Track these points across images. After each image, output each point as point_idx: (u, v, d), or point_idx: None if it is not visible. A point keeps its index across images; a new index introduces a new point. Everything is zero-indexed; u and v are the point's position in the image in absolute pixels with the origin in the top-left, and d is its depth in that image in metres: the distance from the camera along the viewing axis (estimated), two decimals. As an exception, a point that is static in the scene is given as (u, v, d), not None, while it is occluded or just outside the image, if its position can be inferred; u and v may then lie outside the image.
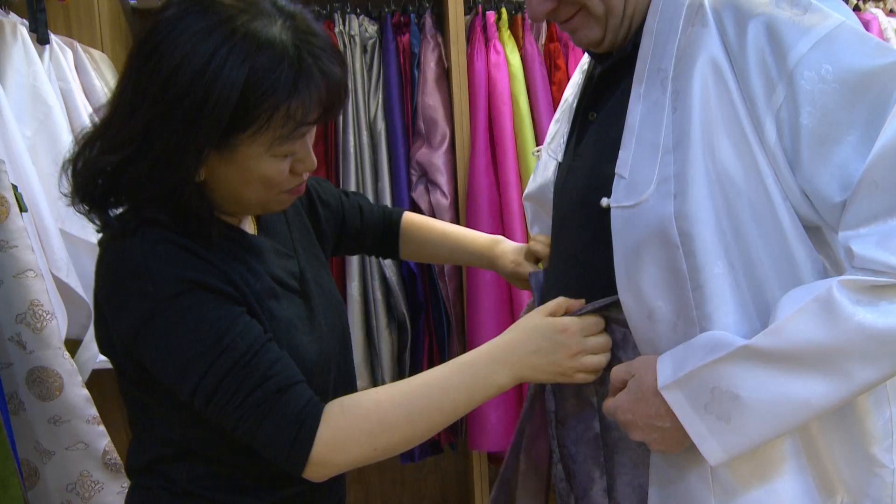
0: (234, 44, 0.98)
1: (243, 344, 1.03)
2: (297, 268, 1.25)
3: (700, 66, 1.05)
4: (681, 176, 1.05)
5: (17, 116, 1.79)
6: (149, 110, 0.99)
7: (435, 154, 2.38)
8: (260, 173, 1.07)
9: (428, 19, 2.50)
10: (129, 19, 2.50)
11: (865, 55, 0.97)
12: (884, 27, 2.65)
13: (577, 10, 1.17)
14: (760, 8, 1.02)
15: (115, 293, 1.05)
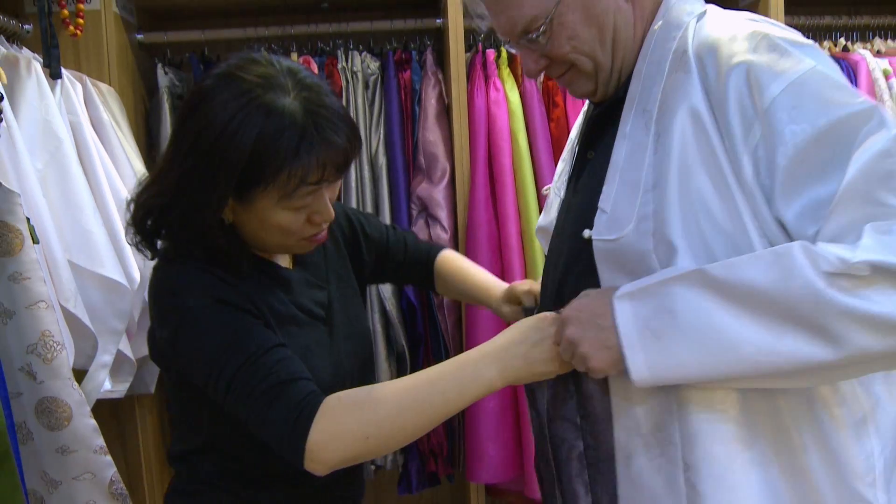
0: (249, 112, 1.15)
1: (254, 344, 1.18)
2: (327, 298, 1.40)
3: (681, 112, 1.12)
4: (658, 214, 1.12)
5: (29, 149, 1.82)
6: (182, 163, 1.20)
7: (435, 189, 2.42)
8: (275, 222, 1.23)
9: (429, 56, 2.56)
10: (135, 53, 2.56)
11: (833, 97, 1.04)
12: (871, 67, 2.71)
13: (567, 67, 1.26)
14: (740, 56, 1.09)
15: (157, 309, 1.27)
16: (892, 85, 2.72)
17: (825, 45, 2.88)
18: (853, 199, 1.01)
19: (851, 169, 1.01)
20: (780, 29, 1.14)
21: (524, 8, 1.20)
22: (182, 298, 1.22)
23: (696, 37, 1.16)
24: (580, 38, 1.21)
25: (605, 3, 1.21)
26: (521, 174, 2.42)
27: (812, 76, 1.06)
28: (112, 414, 2.26)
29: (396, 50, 2.61)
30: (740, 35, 1.12)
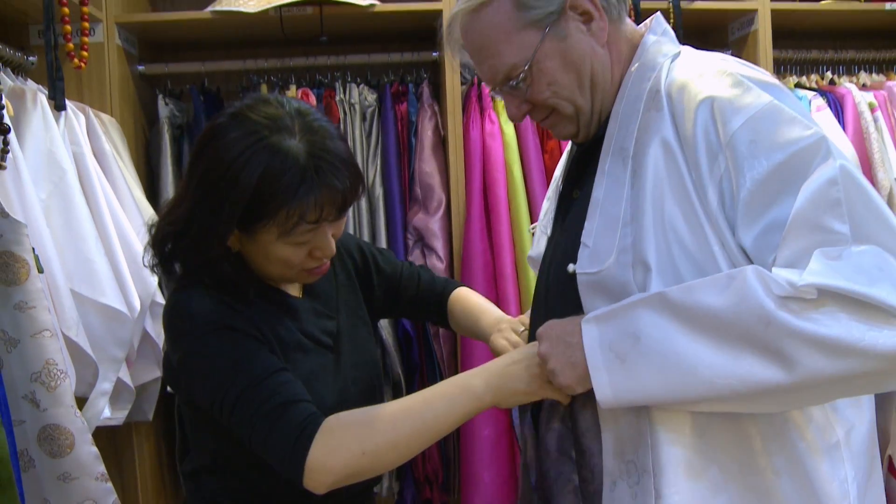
0: (256, 151, 1.22)
1: (258, 368, 1.24)
2: (336, 328, 1.45)
3: (654, 147, 1.19)
4: (636, 245, 1.17)
5: (34, 179, 1.85)
6: (193, 195, 1.28)
7: (431, 219, 2.46)
8: (277, 255, 1.30)
9: (425, 89, 2.61)
10: (136, 84, 2.60)
11: (787, 132, 1.10)
12: (857, 101, 2.76)
13: (549, 112, 1.32)
14: (707, 91, 1.16)
15: (169, 333, 1.34)
16: (876, 117, 2.77)
17: (812, 78, 2.94)
18: (803, 227, 1.06)
19: (800, 197, 1.06)
20: (746, 68, 1.21)
21: (504, 56, 1.27)
22: (191, 324, 1.29)
23: (668, 76, 1.23)
24: (559, 83, 1.28)
25: (582, 50, 1.27)
26: (516, 205, 2.47)
27: (769, 110, 1.12)
28: (109, 441, 2.27)
29: (393, 82, 2.66)
30: (708, 73, 1.19)
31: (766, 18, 2.68)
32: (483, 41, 1.29)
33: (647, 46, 1.30)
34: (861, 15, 2.85)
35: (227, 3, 2.46)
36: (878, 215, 1.07)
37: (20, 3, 2.07)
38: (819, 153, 1.08)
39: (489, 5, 1.26)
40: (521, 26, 1.25)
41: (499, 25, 1.26)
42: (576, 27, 1.27)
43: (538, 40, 1.25)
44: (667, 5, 2.61)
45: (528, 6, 1.25)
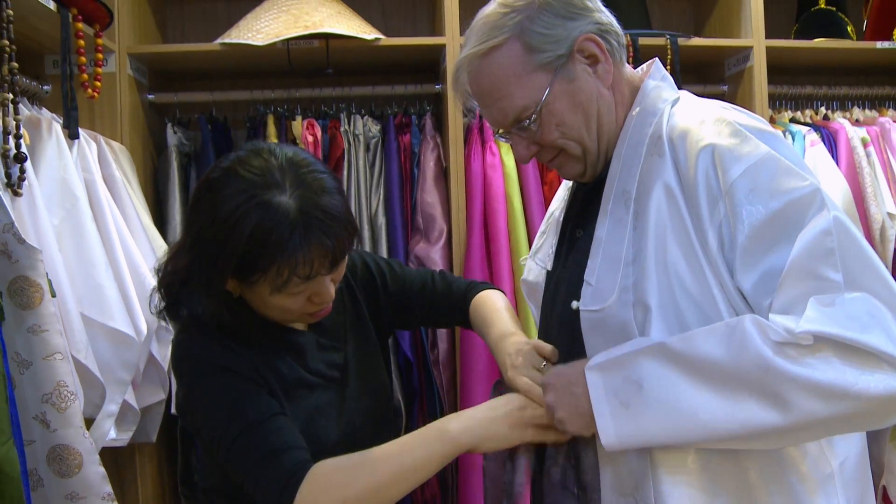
0: (248, 209, 1.24)
1: (253, 413, 1.28)
2: (343, 359, 1.47)
3: (656, 191, 1.23)
4: (638, 286, 1.22)
5: (47, 206, 1.90)
6: (192, 248, 1.32)
7: (432, 249, 2.51)
8: (275, 304, 1.33)
9: (428, 121, 2.67)
10: (146, 112, 2.66)
11: (784, 182, 1.15)
12: (850, 136, 2.81)
13: (557, 152, 1.37)
14: (708, 139, 1.21)
15: (174, 373, 1.40)
16: (869, 152, 2.81)
17: (807, 113, 3.00)
18: (798, 275, 1.11)
19: (797, 247, 1.11)
20: (745, 116, 1.26)
21: (515, 99, 1.31)
22: (191, 365, 1.36)
23: (669, 122, 1.28)
24: (567, 124, 1.32)
25: (589, 92, 1.32)
26: (516, 235, 2.52)
27: (767, 161, 1.17)
28: (112, 461, 2.30)
29: (397, 114, 2.72)
30: (708, 120, 1.24)
31: (761, 55, 2.74)
32: (493, 84, 1.32)
33: (648, 91, 1.36)
34: (853, 53, 2.91)
35: (237, 35, 2.52)
36: (869, 264, 1.11)
37: (36, 34, 2.13)
38: (814, 204, 1.13)
39: (499, 49, 1.30)
40: (531, 69, 1.30)
41: (509, 68, 1.30)
42: (583, 69, 1.32)
43: (548, 82, 1.30)
44: (665, 42, 2.68)
45: (539, 49, 1.29)
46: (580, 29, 1.31)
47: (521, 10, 1.30)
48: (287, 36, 2.46)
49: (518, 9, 1.31)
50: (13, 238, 1.62)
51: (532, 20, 1.29)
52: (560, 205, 1.56)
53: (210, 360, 1.33)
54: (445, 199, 2.59)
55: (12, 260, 1.63)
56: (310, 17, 2.48)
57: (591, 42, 1.31)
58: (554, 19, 1.30)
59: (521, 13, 1.30)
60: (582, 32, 1.31)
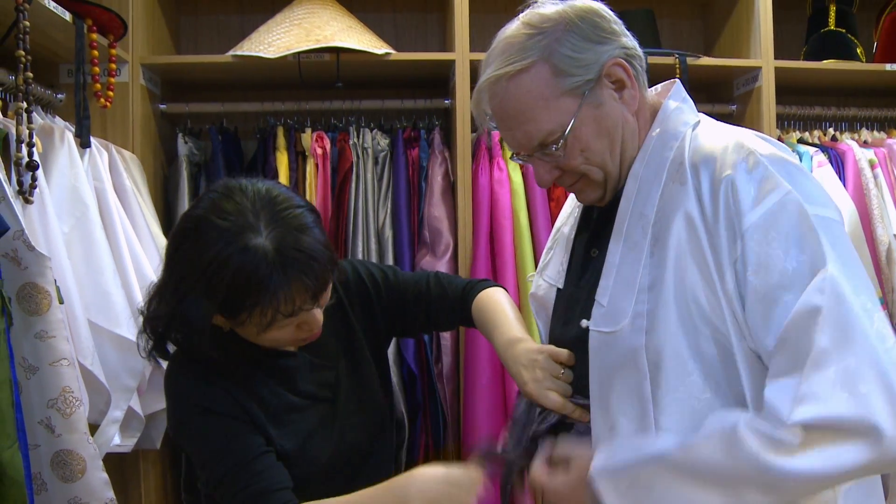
0: (226, 257, 1.26)
1: (238, 454, 1.33)
2: (335, 377, 1.47)
3: (678, 220, 1.22)
4: (653, 314, 1.22)
5: (57, 213, 1.92)
6: (174, 290, 1.32)
7: (438, 262, 2.52)
8: (264, 338, 1.36)
9: (437, 136, 2.69)
10: (158, 122, 2.69)
11: (799, 238, 1.14)
12: (858, 157, 2.82)
13: (579, 177, 1.35)
14: (728, 169, 1.20)
15: (166, 407, 1.46)
16: (877, 174, 2.82)
17: (815, 134, 3.00)
18: (792, 342, 1.11)
19: (793, 312, 1.11)
20: (766, 145, 1.24)
21: (541, 123, 1.29)
22: (174, 405, 1.42)
23: (691, 147, 1.27)
24: (592, 149, 1.31)
25: (615, 117, 1.31)
26: (522, 251, 2.53)
27: (788, 203, 1.15)
28: (117, 467, 2.32)
29: (406, 128, 2.74)
30: (730, 148, 1.23)
31: (769, 75, 2.75)
32: (518, 108, 1.29)
33: (669, 112, 1.34)
34: (863, 74, 2.92)
35: (249, 47, 2.55)
36: (859, 330, 1.10)
37: (52, 44, 2.16)
38: (816, 273, 1.12)
39: (527, 72, 1.27)
40: (558, 93, 1.27)
41: (536, 92, 1.28)
42: (609, 94, 1.30)
43: (576, 107, 1.28)
44: (674, 60, 2.69)
45: (567, 73, 1.27)
46: (609, 53, 1.29)
47: (548, 31, 1.28)
48: (298, 49, 2.48)
49: (545, 30, 1.28)
50: (23, 245, 1.64)
51: (560, 42, 1.27)
52: (569, 221, 1.55)
53: (191, 403, 1.38)
54: (452, 213, 2.60)
55: (21, 266, 1.65)
56: (321, 31, 2.51)
57: (620, 67, 1.30)
58: (583, 42, 1.28)
59: (549, 35, 1.28)
60: (610, 57, 1.29)
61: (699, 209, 1.21)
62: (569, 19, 1.29)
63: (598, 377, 1.29)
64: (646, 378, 1.22)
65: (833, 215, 1.18)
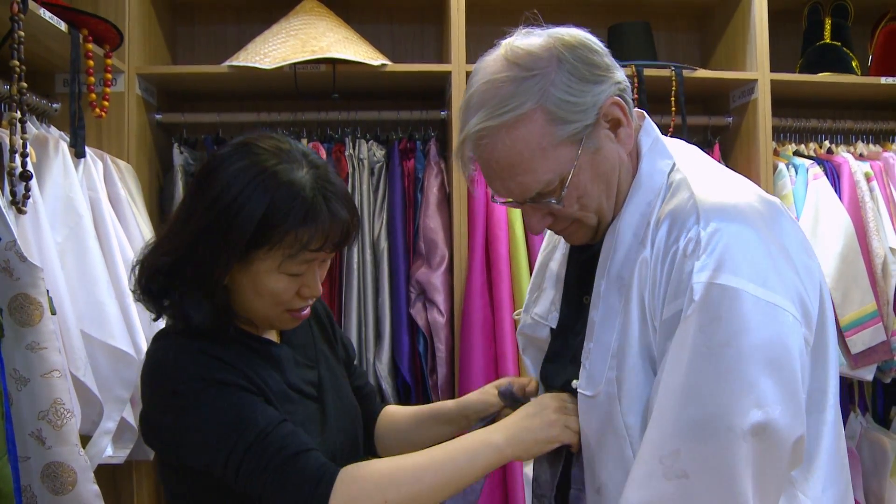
0: (265, 178, 1.25)
1: (263, 421, 1.23)
2: (317, 377, 1.44)
3: (638, 269, 1.22)
4: (620, 380, 1.21)
5: (51, 223, 1.92)
6: (198, 223, 1.27)
7: (434, 274, 2.52)
8: (270, 287, 1.30)
9: (432, 147, 2.69)
10: (153, 132, 2.68)
11: (722, 336, 1.11)
12: (854, 170, 2.82)
13: (571, 222, 1.29)
14: (679, 237, 1.17)
15: (155, 395, 1.31)
16: (872, 187, 2.82)
17: (811, 146, 3.01)
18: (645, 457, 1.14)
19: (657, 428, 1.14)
20: (728, 201, 1.20)
21: (539, 174, 1.20)
22: (180, 383, 1.27)
23: (661, 207, 1.24)
24: (589, 195, 1.24)
25: (612, 160, 1.25)
26: (517, 262, 2.53)
27: (722, 300, 1.10)
28: (109, 478, 2.31)
29: (402, 139, 2.74)
30: (686, 210, 1.19)
31: (765, 88, 2.75)
32: (513, 159, 1.19)
33: (643, 153, 1.30)
34: (858, 87, 2.93)
35: (245, 58, 2.55)
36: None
37: (48, 53, 2.16)
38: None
39: (521, 121, 1.17)
40: (556, 142, 1.19)
41: (533, 142, 1.18)
42: (606, 136, 1.23)
43: (575, 155, 1.20)
44: (670, 73, 2.70)
45: (565, 120, 1.18)
46: (606, 93, 1.21)
47: (540, 73, 1.19)
48: (295, 60, 2.48)
49: (537, 72, 1.19)
50: (15, 255, 1.63)
51: (555, 85, 1.18)
52: (555, 255, 1.51)
53: (200, 374, 1.26)
54: (448, 224, 2.60)
55: (13, 277, 1.64)
56: (317, 42, 2.51)
57: (617, 107, 1.23)
58: (578, 84, 1.19)
59: (542, 78, 1.18)
60: (608, 97, 1.22)
61: (653, 254, 1.21)
62: (561, 57, 1.20)
63: (586, 439, 1.29)
64: (625, 441, 1.21)
65: (777, 301, 1.12)
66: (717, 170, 1.33)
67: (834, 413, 1.25)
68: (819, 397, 1.23)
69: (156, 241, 1.36)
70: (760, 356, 1.09)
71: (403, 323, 2.53)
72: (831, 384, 1.25)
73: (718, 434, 1.08)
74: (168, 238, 1.33)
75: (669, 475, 1.10)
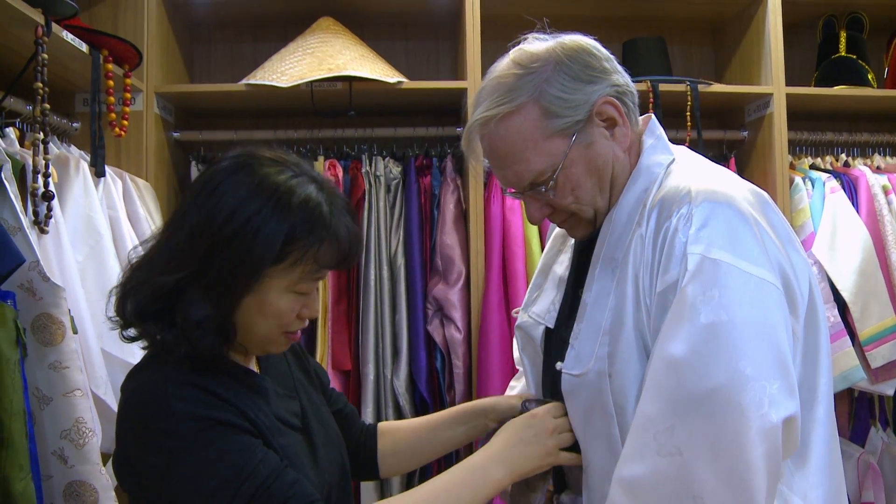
0: (279, 198, 1.17)
1: (265, 471, 1.14)
2: (299, 407, 1.38)
3: (633, 248, 1.25)
4: (613, 356, 1.23)
5: (72, 242, 1.93)
6: (210, 239, 1.17)
7: (451, 290, 2.52)
8: (277, 307, 1.22)
9: (449, 163, 2.70)
10: (171, 150, 2.70)
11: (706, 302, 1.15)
12: (871, 183, 2.81)
13: (569, 214, 1.37)
14: (671, 216, 1.22)
15: (142, 432, 1.15)
16: (890, 200, 2.81)
17: (827, 159, 3.00)
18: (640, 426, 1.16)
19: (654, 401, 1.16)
20: (724, 188, 1.24)
21: (531, 163, 1.30)
22: (174, 422, 1.13)
23: (656, 192, 1.29)
24: (582, 188, 1.32)
25: (605, 156, 1.32)
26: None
27: (712, 271, 1.15)
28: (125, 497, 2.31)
29: (418, 156, 2.75)
30: (681, 194, 1.24)
31: (781, 101, 2.75)
32: (508, 148, 1.30)
33: (644, 150, 1.36)
34: (874, 100, 2.92)
35: (262, 76, 2.57)
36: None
37: (68, 74, 2.18)
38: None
39: (517, 113, 1.28)
40: (548, 134, 1.28)
41: (526, 133, 1.29)
42: (600, 133, 1.31)
43: (566, 148, 1.29)
44: (685, 88, 2.70)
45: (556, 115, 1.28)
46: (599, 92, 1.30)
47: (537, 71, 1.29)
48: (311, 78, 2.50)
49: (535, 70, 1.29)
50: (38, 276, 1.65)
51: (550, 83, 1.28)
52: (561, 259, 1.55)
53: (196, 413, 1.13)
54: (464, 241, 2.61)
55: (36, 297, 1.66)
56: (334, 60, 2.52)
57: (610, 105, 1.31)
58: (573, 83, 1.29)
59: (538, 75, 1.29)
60: (600, 96, 1.30)
61: (648, 236, 1.24)
62: (558, 59, 1.30)
63: (574, 419, 1.32)
64: (612, 419, 1.24)
65: (765, 276, 1.16)
66: (714, 166, 1.38)
67: (825, 411, 1.27)
68: (808, 395, 1.25)
69: (145, 259, 1.24)
70: (753, 331, 1.12)
71: (421, 339, 2.53)
72: (822, 381, 1.27)
73: (715, 410, 1.09)
74: (166, 256, 1.20)
75: (663, 451, 1.11)
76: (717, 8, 2.98)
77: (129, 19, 2.46)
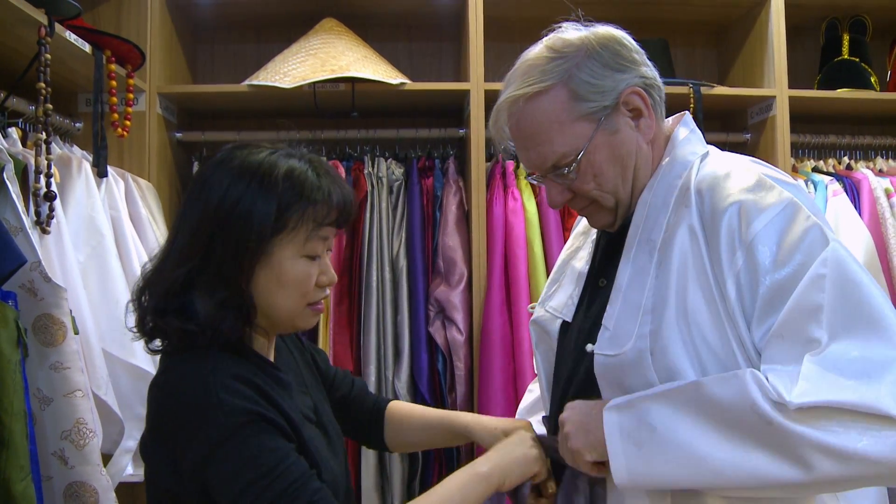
0: (265, 171, 1.24)
1: (295, 473, 1.18)
2: (312, 402, 1.42)
3: (681, 234, 1.25)
4: (656, 333, 1.23)
5: (74, 243, 1.93)
6: (208, 228, 1.24)
7: (453, 292, 2.52)
8: (294, 274, 1.27)
9: (451, 165, 2.69)
10: (174, 150, 2.70)
11: (804, 237, 1.16)
12: (873, 186, 2.80)
13: (590, 202, 1.37)
14: (734, 196, 1.22)
15: (188, 421, 1.19)
16: (893, 203, 2.79)
17: (829, 162, 2.99)
18: (783, 333, 1.13)
19: (787, 304, 1.14)
20: (769, 168, 1.29)
21: (556, 145, 1.32)
22: (222, 413, 1.17)
23: (698, 174, 1.30)
24: (605, 175, 1.33)
25: (629, 145, 1.33)
26: (536, 281, 2.52)
27: (789, 210, 1.19)
28: (128, 496, 2.30)
29: (420, 157, 2.75)
30: (734, 173, 1.26)
31: (784, 104, 2.75)
32: (534, 128, 1.33)
33: (678, 141, 1.37)
34: (877, 103, 2.92)
35: (265, 77, 2.56)
36: (863, 310, 1.13)
37: (71, 74, 2.18)
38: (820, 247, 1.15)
39: (545, 94, 1.31)
40: (575, 117, 1.31)
41: (552, 114, 1.31)
42: (625, 122, 1.33)
43: (591, 132, 1.31)
44: (688, 90, 2.69)
45: (585, 99, 1.30)
46: (627, 81, 1.32)
47: (569, 56, 1.32)
48: (314, 79, 2.50)
49: (567, 55, 1.32)
50: (39, 276, 1.65)
51: (580, 68, 1.31)
52: (580, 255, 1.55)
53: (245, 407, 1.18)
54: (467, 242, 2.60)
55: (38, 298, 1.66)
56: (336, 62, 2.52)
57: (637, 96, 1.33)
58: (602, 69, 1.31)
59: (570, 60, 1.31)
60: (629, 85, 1.32)
61: (701, 225, 1.24)
62: (590, 46, 1.32)
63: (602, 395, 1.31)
64: None
65: (829, 235, 1.19)
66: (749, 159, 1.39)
67: None
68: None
69: (158, 263, 1.31)
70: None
71: (422, 341, 2.53)
72: None
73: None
74: (176, 255, 1.27)
75: (849, 374, 1.08)
76: (721, 10, 2.97)
77: (133, 19, 2.46)
